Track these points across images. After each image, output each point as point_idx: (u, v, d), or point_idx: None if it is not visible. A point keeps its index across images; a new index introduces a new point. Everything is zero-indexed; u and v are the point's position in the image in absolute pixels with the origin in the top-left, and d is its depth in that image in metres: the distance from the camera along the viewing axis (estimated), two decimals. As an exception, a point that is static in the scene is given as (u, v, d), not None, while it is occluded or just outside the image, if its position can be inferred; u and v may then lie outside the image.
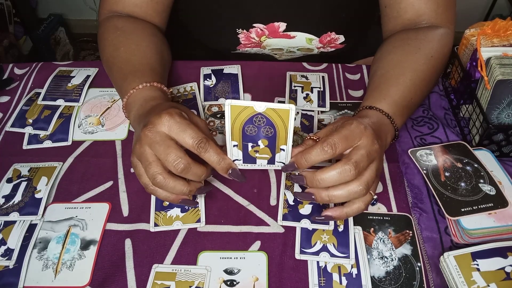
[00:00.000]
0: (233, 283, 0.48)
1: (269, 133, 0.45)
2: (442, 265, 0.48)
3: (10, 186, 0.56)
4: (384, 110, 0.54)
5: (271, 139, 0.46)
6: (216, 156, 0.47)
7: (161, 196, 0.48)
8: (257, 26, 0.71)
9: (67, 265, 0.50)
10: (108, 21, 0.66)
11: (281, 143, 0.46)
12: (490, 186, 0.53)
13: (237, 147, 0.47)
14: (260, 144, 0.47)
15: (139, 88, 0.54)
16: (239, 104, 0.43)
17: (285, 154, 0.48)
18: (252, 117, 0.44)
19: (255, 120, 0.45)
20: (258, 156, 0.48)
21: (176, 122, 0.46)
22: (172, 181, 0.46)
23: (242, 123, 0.45)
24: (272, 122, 0.44)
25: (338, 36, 0.73)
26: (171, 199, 0.49)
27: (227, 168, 0.48)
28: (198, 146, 0.46)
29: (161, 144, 0.45)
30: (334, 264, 0.49)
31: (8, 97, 0.70)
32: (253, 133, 0.46)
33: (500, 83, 0.55)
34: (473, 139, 0.61)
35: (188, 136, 0.46)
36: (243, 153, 0.48)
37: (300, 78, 0.70)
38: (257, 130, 0.45)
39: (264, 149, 0.47)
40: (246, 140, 0.46)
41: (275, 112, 0.44)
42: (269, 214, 0.54)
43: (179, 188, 0.47)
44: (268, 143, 0.47)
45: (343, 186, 0.46)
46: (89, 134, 0.63)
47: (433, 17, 0.64)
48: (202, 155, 0.46)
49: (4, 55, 1.78)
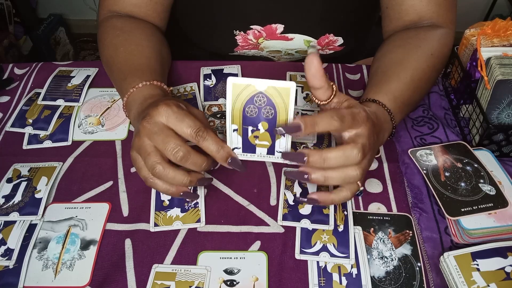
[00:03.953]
0: (233, 283, 0.48)
1: (270, 114, 0.45)
2: (442, 265, 0.48)
3: (10, 186, 0.56)
4: (385, 105, 0.54)
5: (271, 122, 0.45)
6: (215, 145, 0.46)
7: (161, 188, 0.48)
8: (255, 27, 0.70)
9: (67, 265, 0.50)
10: (108, 21, 0.66)
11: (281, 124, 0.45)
12: (490, 186, 0.53)
13: (237, 131, 0.47)
14: (260, 128, 0.46)
15: (139, 87, 0.54)
16: (241, 82, 0.43)
17: (285, 141, 0.47)
18: (253, 96, 0.44)
19: (256, 100, 0.44)
20: (258, 144, 0.47)
21: (174, 112, 0.45)
22: (172, 170, 0.45)
23: (243, 104, 0.44)
24: (273, 102, 0.44)
25: (337, 38, 0.73)
26: (172, 192, 0.48)
27: (227, 157, 0.47)
28: (196, 134, 0.45)
29: (159, 134, 0.45)
30: (334, 264, 0.49)
31: (8, 97, 0.70)
32: (254, 115, 0.45)
33: (500, 83, 0.55)
34: (473, 139, 0.61)
35: (186, 125, 0.45)
36: (243, 140, 0.47)
37: (300, 78, 0.70)
38: (257, 111, 0.45)
39: (264, 134, 0.46)
40: (246, 123, 0.46)
41: (276, 90, 0.43)
42: (269, 214, 0.54)
43: (179, 178, 0.46)
44: (268, 127, 0.46)
45: (341, 168, 0.45)
46: (89, 134, 0.63)
47: (434, 17, 0.64)
48: (201, 144, 0.46)
49: (4, 55, 1.78)
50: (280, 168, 0.58)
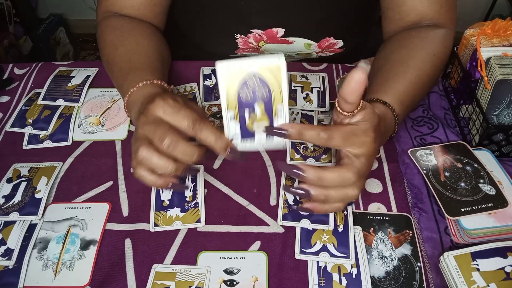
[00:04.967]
0: (233, 283, 0.48)
1: (265, 95, 0.44)
2: (442, 265, 0.48)
3: (10, 186, 0.56)
4: (394, 109, 0.53)
5: (267, 102, 0.45)
6: (213, 135, 0.45)
7: (148, 180, 0.47)
8: (255, 31, 0.71)
9: (67, 265, 0.50)
10: (106, 21, 0.66)
11: (277, 103, 0.45)
12: (490, 186, 0.53)
13: (234, 118, 0.46)
14: (257, 110, 0.45)
15: (139, 86, 0.54)
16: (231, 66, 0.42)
17: (283, 114, 0.46)
18: (246, 79, 0.43)
19: (249, 82, 0.43)
20: (257, 128, 0.46)
21: (170, 105, 0.45)
22: (156, 156, 0.44)
23: (237, 89, 0.44)
24: (266, 82, 0.43)
25: (337, 41, 0.73)
26: (159, 184, 0.47)
27: (225, 147, 0.46)
28: (193, 126, 0.45)
29: (151, 124, 0.45)
30: (334, 264, 0.49)
31: (8, 97, 0.70)
32: (249, 98, 0.44)
33: (500, 83, 0.55)
34: (473, 139, 0.61)
35: (182, 117, 0.45)
36: (241, 126, 0.46)
37: (300, 78, 0.70)
38: (252, 94, 0.44)
39: (261, 117, 0.46)
40: (243, 107, 0.45)
41: (267, 70, 0.43)
42: (269, 214, 0.54)
43: (163, 164, 0.45)
44: (265, 108, 0.45)
45: (341, 188, 0.45)
46: (89, 134, 0.63)
47: (435, 18, 0.64)
48: (198, 135, 0.45)
49: (4, 55, 1.78)
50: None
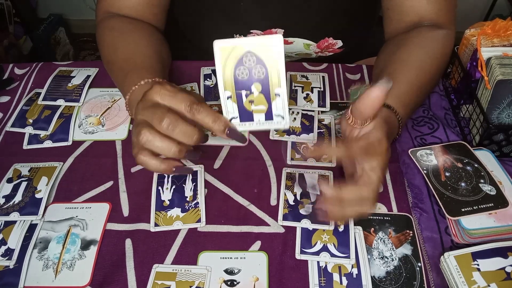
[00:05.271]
0: (233, 283, 0.48)
1: (261, 74, 0.44)
2: (442, 265, 0.48)
3: (11, 186, 0.56)
4: (398, 112, 0.53)
5: (264, 82, 0.45)
6: (211, 116, 0.45)
7: (151, 164, 0.46)
8: (255, 32, 0.71)
9: (67, 265, 0.50)
10: (105, 22, 0.66)
11: (275, 86, 0.45)
12: (490, 186, 0.53)
13: (231, 99, 0.45)
14: (253, 90, 0.45)
15: (140, 84, 0.54)
16: (227, 44, 0.43)
17: (281, 101, 0.45)
18: (242, 57, 0.43)
19: (245, 61, 0.43)
20: (255, 109, 0.46)
21: (167, 89, 0.46)
22: (159, 138, 0.45)
23: (233, 67, 0.44)
24: (262, 60, 0.43)
25: (336, 41, 0.73)
26: (163, 168, 0.47)
27: (224, 128, 0.45)
28: (191, 108, 0.45)
29: (150, 107, 0.45)
30: (334, 264, 0.49)
31: (8, 97, 0.70)
32: (245, 77, 0.44)
33: (500, 83, 0.55)
34: (474, 139, 0.61)
35: (179, 99, 0.45)
36: (239, 107, 0.46)
37: (300, 78, 0.70)
38: (248, 73, 0.44)
39: (258, 97, 0.45)
40: (239, 87, 0.45)
41: (264, 46, 0.43)
42: (269, 214, 0.54)
43: (167, 146, 0.45)
44: (262, 88, 0.45)
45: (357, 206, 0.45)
46: (89, 134, 0.63)
47: (435, 18, 0.64)
48: (196, 117, 0.45)
49: (4, 55, 1.78)
50: (281, 168, 0.58)
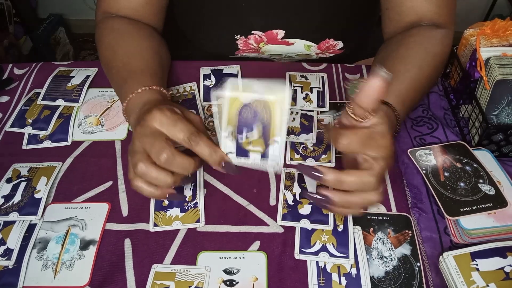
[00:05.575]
0: (232, 283, 0.48)
1: (265, 118, 0.45)
2: (441, 265, 0.48)
3: (10, 186, 0.56)
4: (396, 110, 0.53)
5: (266, 127, 0.45)
6: (208, 149, 0.46)
7: (146, 191, 0.47)
8: (256, 33, 0.71)
9: (66, 265, 0.50)
10: (105, 22, 0.66)
11: (275, 134, 0.45)
12: (489, 186, 0.53)
13: (232, 135, 0.46)
14: (254, 131, 0.46)
15: (138, 92, 0.54)
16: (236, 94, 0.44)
17: (278, 148, 0.46)
18: (250, 102, 0.44)
19: (253, 104, 0.44)
20: (251, 149, 0.47)
21: (167, 117, 0.46)
22: (155, 170, 0.45)
23: (240, 107, 0.45)
24: (269, 107, 0.44)
25: (337, 42, 0.73)
26: (157, 195, 0.48)
27: (220, 161, 0.47)
28: (189, 139, 0.45)
29: (149, 136, 0.45)
30: (333, 264, 0.49)
31: (7, 97, 0.70)
32: (249, 116, 0.45)
33: (500, 83, 0.55)
34: (473, 139, 0.61)
35: (179, 130, 0.46)
36: (237, 143, 0.47)
37: (299, 78, 0.70)
38: (253, 114, 0.45)
39: (257, 140, 0.46)
40: (242, 124, 0.46)
41: (268, 103, 0.43)
42: (268, 214, 0.54)
43: (163, 178, 0.46)
44: (263, 132, 0.45)
45: (363, 194, 0.45)
46: (89, 134, 0.63)
47: (435, 18, 0.64)
48: (194, 148, 0.46)
49: (4, 55, 1.78)
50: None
